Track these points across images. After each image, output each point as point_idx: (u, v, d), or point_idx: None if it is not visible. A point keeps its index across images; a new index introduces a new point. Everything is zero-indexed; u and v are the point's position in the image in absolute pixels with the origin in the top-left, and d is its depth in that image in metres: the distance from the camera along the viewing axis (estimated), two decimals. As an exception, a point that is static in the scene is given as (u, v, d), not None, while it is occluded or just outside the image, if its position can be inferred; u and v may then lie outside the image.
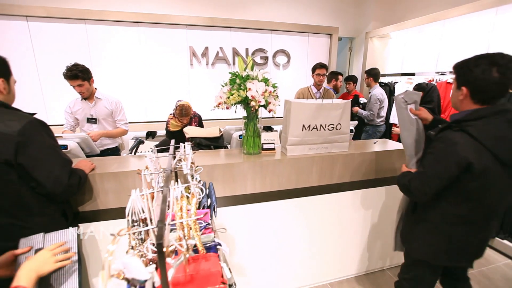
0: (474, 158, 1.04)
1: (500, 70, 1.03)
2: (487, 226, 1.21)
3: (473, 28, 2.99)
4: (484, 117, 1.07)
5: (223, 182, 1.67)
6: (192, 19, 3.30)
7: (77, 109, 2.26)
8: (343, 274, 2.10)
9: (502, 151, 1.04)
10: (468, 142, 1.06)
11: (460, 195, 1.14)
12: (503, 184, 1.10)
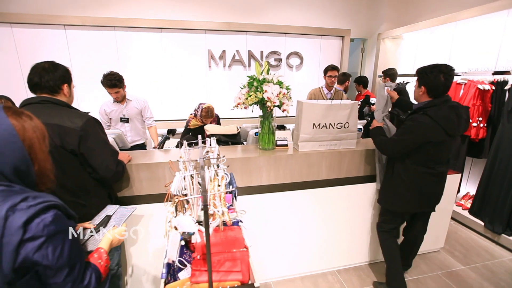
0: (431, 134, 1.59)
1: (445, 76, 1.59)
2: (442, 179, 1.77)
3: (485, 29, 3.05)
4: (436, 105, 1.62)
5: (241, 174, 1.87)
6: (210, 24, 3.53)
7: (111, 111, 2.54)
8: (349, 262, 2.26)
9: (447, 126, 1.58)
10: (428, 120, 1.58)
11: (422, 154, 1.66)
12: (448, 147, 1.69)
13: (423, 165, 1.69)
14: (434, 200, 1.82)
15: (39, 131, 0.78)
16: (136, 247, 1.79)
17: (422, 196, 1.76)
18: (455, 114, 1.60)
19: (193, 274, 0.87)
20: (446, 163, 1.75)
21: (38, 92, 1.29)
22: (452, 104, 1.63)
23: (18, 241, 0.64)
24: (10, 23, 3.04)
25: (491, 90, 2.80)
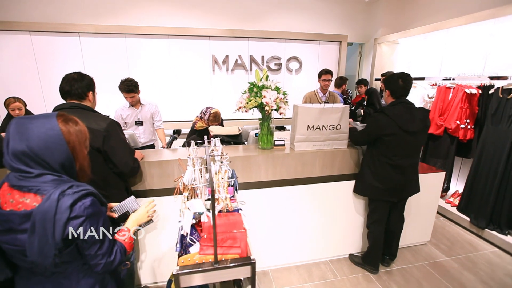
0: (386, 127, 1.90)
1: (403, 80, 1.94)
2: (403, 171, 1.99)
3: (473, 37, 3.22)
4: (393, 105, 1.96)
5: (242, 170, 2.08)
6: (214, 31, 3.75)
7: (127, 115, 2.77)
8: (341, 253, 2.45)
9: (399, 122, 1.88)
10: (384, 116, 1.92)
11: (384, 146, 1.95)
12: (407, 143, 1.93)
13: (384, 156, 1.98)
14: (400, 190, 2.07)
15: (81, 135, 0.96)
16: (148, 236, 2.00)
17: (387, 185, 2.02)
18: (409, 113, 1.91)
19: (201, 248, 1.08)
20: (406, 158, 1.98)
21: (68, 99, 1.51)
22: (408, 105, 1.95)
23: (66, 218, 0.84)
24: (29, 31, 3.28)
25: (478, 94, 2.97)
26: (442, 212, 3.27)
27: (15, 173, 0.87)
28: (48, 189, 0.84)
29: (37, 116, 0.91)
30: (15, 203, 0.84)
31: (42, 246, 0.79)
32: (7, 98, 2.60)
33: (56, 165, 0.89)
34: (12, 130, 0.86)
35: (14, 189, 0.86)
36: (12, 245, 0.85)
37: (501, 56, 2.95)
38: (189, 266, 1.03)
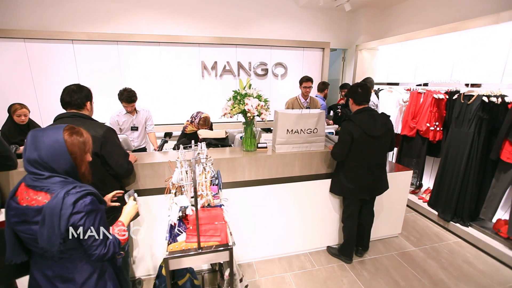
0: (355, 132, 2.12)
1: (361, 88, 2.22)
2: (370, 172, 2.25)
3: (442, 46, 3.51)
4: (358, 113, 2.20)
5: (227, 171, 2.28)
6: (203, 39, 3.94)
7: (123, 121, 2.95)
8: (319, 245, 2.69)
9: (364, 127, 2.12)
10: (352, 124, 2.15)
11: (353, 152, 2.19)
12: (372, 146, 2.18)
13: (353, 159, 2.22)
14: (370, 189, 2.31)
15: (84, 146, 1.12)
16: (141, 231, 2.18)
17: (358, 185, 2.26)
18: (372, 119, 2.16)
19: (187, 237, 1.28)
20: (373, 159, 2.23)
21: (68, 108, 1.69)
22: (371, 113, 2.20)
23: (70, 213, 1.02)
24: (24, 39, 3.40)
25: (445, 99, 3.26)
26: (415, 208, 3.56)
27: (30, 175, 1.05)
28: (56, 189, 1.03)
29: (48, 128, 1.09)
30: (29, 200, 1.03)
31: (50, 235, 0.98)
32: (13, 104, 2.71)
33: (61, 171, 1.07)
34: (28, 141, 1.05)
35: (29, 188, 1.05)
36: (27, 234, 1.03)
37: (466, 64, 3.24)
38: (177, 252, 1.23)
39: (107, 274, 1.18)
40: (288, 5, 4.43)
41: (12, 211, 1.03)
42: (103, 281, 1.16)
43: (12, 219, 1.03)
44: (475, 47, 3.11)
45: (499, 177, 2.62)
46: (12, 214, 1.03)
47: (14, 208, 1.03)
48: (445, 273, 2.39)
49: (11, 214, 1.03)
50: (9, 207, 1.04)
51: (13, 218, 1.03)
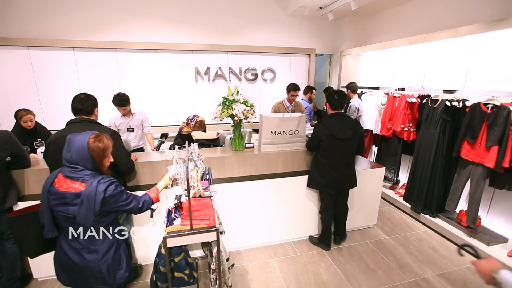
0: (322, 134, 2.44)
1: (337, 95, 2.48)
2: (337, 170, 2.51)
3: (415, 54, 3.85)
4: (331, 117, 2.49)
5: (217, 168, 2.57)
6: (197, 46, 4.21)
7: (120, 123, 3.20)
8: (301, 235, 2.98)
9: (331, 129, 2.41)
10: (321, 125, 2.46)
11: (323, 150, 2.51)
12: (339, 147, 2.46)
13: (323, 157, 2.53)
14: (336, 184, 2.56)
15: (102, 152, 1.40)
16: (142, 220, 2.44)
17: (326, 180, 2.55)
18: (340, 123, 2.44)
19: (182, 221, 1.56)
20: (339, 159, 2.50)
21: (78, 115, 1.95)
22: (341, 118, 2.47)
23: (102, 197, 1.32)
24: (28, 46, 3.64)
25: (417, 102, 3.58)
26: (392, 202, 3.88)
27: (67, 168, 1.33)
28: (88, 179, 1.33)
29: (78, 134, 1.38)
30: (67, 187, 1.31)
31: (87, 214, 1.29)
32: (19, 111, 2.91)
33: (90, 168, 1.37)
34: (66, 143, 1.36)
35: (67, 178, 1.33)
36: (65, 213, 1.32)
37: (436, 72, 3.58)
38: (173, 232, 1.51)
39: (122, 248, 1.49)
40: (277, 14, 4.73)
41: (53, 195, 1.31)
42: (119, 253, 1.47)
43: (53, 201, 1.32)
44: (442, 57, 3.44)
45: (460, 172, 2.95)
46: (53, 198, 1.31)
47: (54, 193, 1.31)
48: (411, 257, 2.71)
49: (52, 198, 1.31)
50: (49, 192, 1.32)
51: (54, 200, 1.31)
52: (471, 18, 3.10)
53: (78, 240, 1.38)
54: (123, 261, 1.50)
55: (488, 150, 2.59)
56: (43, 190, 1.34)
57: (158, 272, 1.67)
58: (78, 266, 1.39)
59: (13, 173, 2.15)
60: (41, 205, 1.35)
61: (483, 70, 2.96)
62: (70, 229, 1.37)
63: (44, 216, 1.34)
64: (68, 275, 1.42)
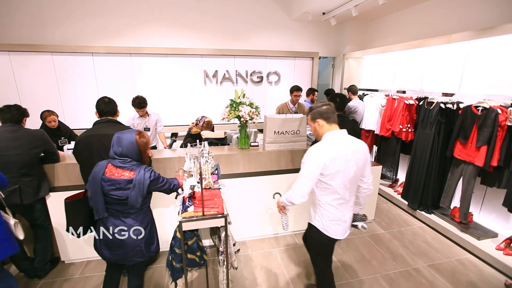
0: None
1: (339, 98, 2.71)
2: None
3: (413, 58, 4.02)
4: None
5: (225, 164, 2.80)
6: (205, 50, 4.47)
7: (137, 123, 3.48)
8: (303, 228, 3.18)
9: None
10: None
11: None
12: None
13: None
14: None
15: (146, 145, 1.69)
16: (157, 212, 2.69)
17: None
18: (342, 123, 2.42)
19: (195, 208, 1.80)
20: None
21: (104, 116, 2.21)
22: (342, 119, 2.51)
23: (149, 182, 1.60)
24: (51, 52, 3.95)
25: (415, 104, 3.76)
26: (390, 199, 4.06)
27: (118, 161, 1.61)
28: (136, 169, 1.62)
29: (124, 133, 1.66)
30: (118, 175, 1.59)
31: (137, 196, 1.58)
32: (43, 112, 3.22)
33: (135, 159, 1.66)
34: (114, 140, 1.64)
35: (118, 168, 1.61)
36: (118, 196, 1.59)
37: (432, 75, 3.75)
38: (187, 217, 1.75)
39: (154, 226, 1.82)
40: (281, 18, 4.95)
41: (107, 182, 1.59)
42: (152, 230, 1.80)
43: (107, 187, 1.59)
44: (439, 61, 3.61)
45: (453, 171, 3.12)
46: (107, 184, 1.58)
47: (108, 180, 1.59)
48: (405, 249, 2.89)
49: (107, 184, 1.58)
50: (103, 180, 1.59)
51: (109, 186, 1.59)
52: (465, 25, 3.26)
53: (124, 220, 1.66)
54: (155, 237, 1.81)
55: (478, 150, 2.76)
56: (95, 178, 1.59)
57: (173, 253, 1.92)
58: (123, 242, 1.67)
59: (45, 167, 2.43)
60: (92, 191, 1.60)
61: (477, 75, 3.12)
62: (117, 211, 1.66)
63: (97, 200, 1.60)
64: (112, 251, 1.70)
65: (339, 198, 1.69)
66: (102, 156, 2.04)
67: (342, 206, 1.72)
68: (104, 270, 1.95)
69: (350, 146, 1.67)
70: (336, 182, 1.64)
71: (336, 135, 1.71)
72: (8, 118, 2.19)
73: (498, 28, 2.57)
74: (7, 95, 3.94)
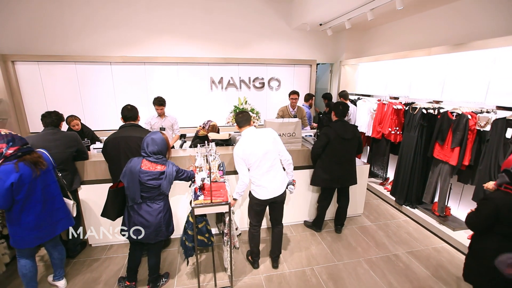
0: (331, 135, 2.92)
1: (342, 107, 3.01)
2: (342, 165, 3.01)
3: (401, 67, 4.38)
4: (336, 122, 2.99)
5: (230, 163, 3.20)
6: (212, 59, 4.89)
7: (155, 123, 3.91)
8: (299, 219, 3.58)
9: (338, 131, 2.92)
10: (330, 129, 2.93)
11: (330, 150, 2.96)
12: (344, 146, 2.96)
13: (330, 155, 3.00)
14: (343, 179, 3.10)
15: (168, 140, 2.12)
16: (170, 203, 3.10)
17: (332, 176, 3.07)
18: (344, 126, 2.97)
19: (205, 197, 2.21)
20: (344, 156, 3.01)
21: (127, 121, 2.63)
22: (344, 123, 3.01)
23: (175, 173, 2.06)
24: (75, 62, 4.41)
25: (403, 109, 4.12)
26: (381, 196, 4.42)
27: (153, 157, 2.03)
28: (165, 163, 2.06)
29: (152, 134, 2.09)
30: (153, 168, 2.02)
31: (167, 184, 2.03)
32: (68, 117, 3.66)
33: (164, 155, 2.08)
34: (149, 141, 2.05)
35: (152, 162, 2.04)
36: (153, 185, 2.02)
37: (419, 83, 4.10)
38: (198, 204, 2.16)
39: (170, 211, 2.24)
40: (282, 28, 5.35)
41: (144, 174, 2.01)
42: (169, 214, 2.22)
43: (145, 177, 2.00)
44: (425, 70, 3.96)
45: (433, 170, 3.47)
46: (145, 175, 2.00)
47: (146, 172, 2.01)
48: (388, 239, 3.26)
49: (144, 175, 2.00)
50: (140, 172, 2.00)
51: (146, 177, 2.01)
52: (443, 39, 3.62)
53: (150, 205, 2.09)
54: (171, 220, 2.25)
55: (453, 151, 3.12)
56: (133, 171, 2.01)
57: (186, 234, 2.33)
58: (150, 223, 2.09)
59: (76, 164, 2.87)
60: (129, 182, 2.01)
61: (456, 83, 3.47)
62: (146, 198, 2.08)
63: (134, 188, 2.01)
64: (140, 232, 2.12)
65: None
66: (127, 155, 2.46)
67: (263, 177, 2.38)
68: (125, 252, 2.38)
69: (259, 137, 2.38)
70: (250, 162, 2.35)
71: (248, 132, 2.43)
72: (49, 122, 2.62)
73: (468, 44, 2.93)
74: (36, 100, 4.41)
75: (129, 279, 2.41)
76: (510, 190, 1.69)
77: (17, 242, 2.07)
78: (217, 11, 4.94)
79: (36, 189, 2.03)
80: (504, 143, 2.63)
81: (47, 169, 2.13)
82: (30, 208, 2.03)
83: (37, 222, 2.07)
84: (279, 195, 2.47)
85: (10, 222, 2.04)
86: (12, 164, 1.91)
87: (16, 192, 1.93)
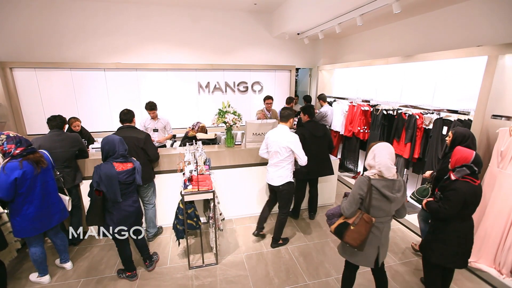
0: (306, 134, 3.36)
1: (312, 109, 3.54)
2: (316, 159, 3.39)
3: (367, 73, 4.93)
4: (308, 122, 3.49)
5: (215, 159, 3.64)
6: (199, 65, 5.30)
7: (149, 124, 4.29)
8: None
9: (312, 130, 3.38)
10: (304, 129, 3.41)
11: (305, 146, 3.12)
12: (316, 143, 3.42)
13: (305, 151, 3.37)
14: (315, 171, 3.57)
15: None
16: (162, 196, 3.51)
17: (308, 169, 3.47)
18: (316, 126, 3.44)
19: (193, 186, 2.64)
20: (317, 151, 3.41)
21: (124, 123, 3.03)
22: (315, 123, 3.49)
23: (141, 166, 2.43)
24: (70, 68, 4.73)
25: (369, 110, 4.66)
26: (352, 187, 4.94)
27: (122, 158, 2.41)
28: (132, 160, 2.45)
29: (111, 136, 2.44)
30: (125, 167, 2.39)
31: (139, 177, 2.43)
32: (70, 118, 4.01)
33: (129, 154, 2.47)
34: (116, 143, 2.40)
35: (122, 163, 2.41)
36: (130, 180, 2.41)
37: (382, 88, 4.66)
38: (187, 192, 2.59)
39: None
40: (264, 36, 5.82)
41: (123, 173, 2.36)
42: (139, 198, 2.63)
43: (124, 176, 2.36)
44: (387, 77, 4.52)
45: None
46: (123, 175, 2.35)
47: (122, 172, 2.36)
48: (354, 223, 3.78)
49: (123, 175, 2.35)
50: (118, 173, 2.34)
51: (124, 176, 2.36)
52: (398, 50, 4.18)
53: (131, 197, 2.47)
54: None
55: (406, 146, 3.67)
56: (110, 175, 2.28)
57: (177, 219, 2.76)
58: (132, 213, 2.47)
59: (78, 161, 3.23)
60: (107, 186, 2.28)
61: (412, 88, 4.03)
62: (124, 195, 2.44)
63: (114, 190, 2.31)
64: (125, 223, 2.47)
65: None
66: (125, 152, 2.86)
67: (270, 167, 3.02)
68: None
69: (282, 136, 2.91)
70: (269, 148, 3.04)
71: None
72: (55, 125, 2.98)
73: (414, 57, 3.49)
74: (33, 104, 4.70)
75: (129, 270, 2.70)
76: (469, 180, 2.03)
77: (18, 231, 2.36)
78: (204, 20, 5.37)
79: (36, 185, 2.35)
80: (442, 138, 3.19)
81: (47, 167, 2.46)
82: (31, 201, 2.34)
83: (35, 213, 2.37)
84: (275, 186, 3.03)
85: (12, 214, 2.34)
86: (17, 162, 2.23)
87: (19, 186, 2.24)
